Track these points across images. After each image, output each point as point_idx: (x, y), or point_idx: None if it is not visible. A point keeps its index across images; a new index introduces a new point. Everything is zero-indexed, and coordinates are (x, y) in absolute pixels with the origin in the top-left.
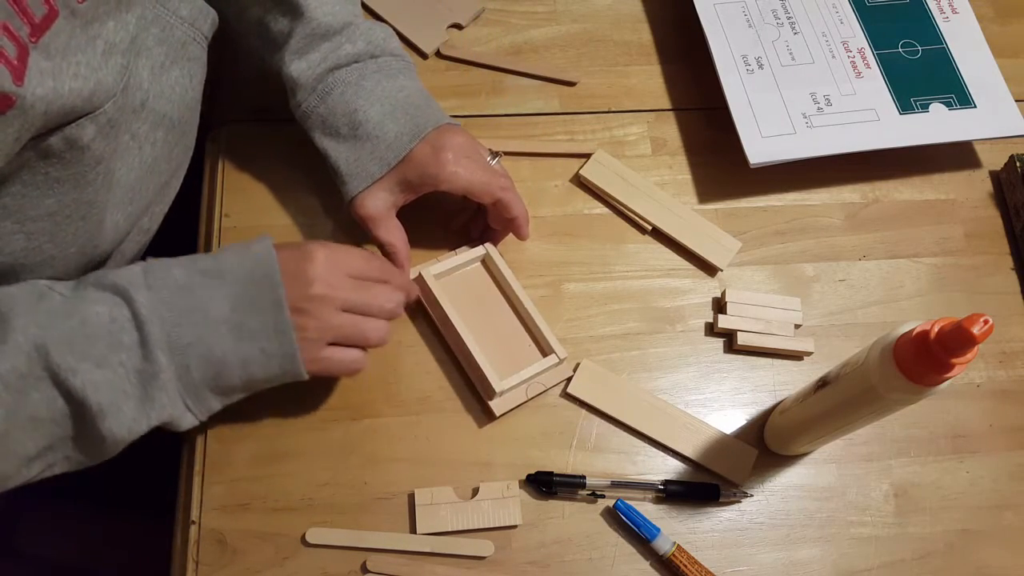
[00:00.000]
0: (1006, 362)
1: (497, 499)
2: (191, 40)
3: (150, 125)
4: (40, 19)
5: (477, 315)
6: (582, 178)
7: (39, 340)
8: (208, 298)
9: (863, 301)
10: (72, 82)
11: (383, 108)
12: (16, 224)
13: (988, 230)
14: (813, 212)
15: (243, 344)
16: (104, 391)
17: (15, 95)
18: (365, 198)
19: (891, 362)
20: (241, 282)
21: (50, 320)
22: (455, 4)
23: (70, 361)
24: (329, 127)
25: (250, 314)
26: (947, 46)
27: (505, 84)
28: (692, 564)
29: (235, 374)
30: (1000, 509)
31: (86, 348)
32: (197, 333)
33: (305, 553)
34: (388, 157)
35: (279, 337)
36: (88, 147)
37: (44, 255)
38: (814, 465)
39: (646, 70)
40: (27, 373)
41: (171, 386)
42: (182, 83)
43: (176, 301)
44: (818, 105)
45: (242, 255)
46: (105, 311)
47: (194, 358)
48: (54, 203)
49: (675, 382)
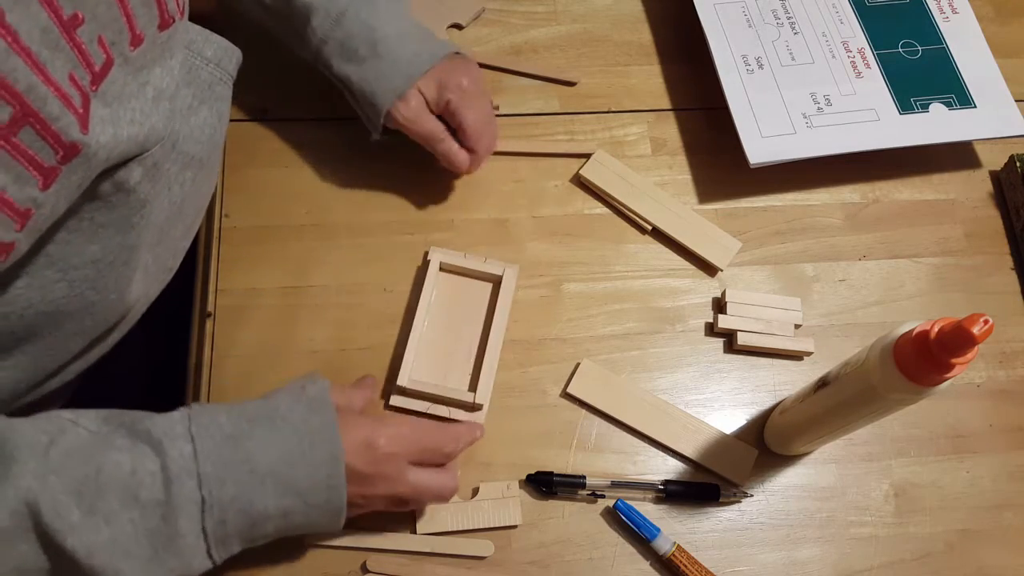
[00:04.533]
0: (1006, 362)
1: (497, 499)
2: (218, 80)
3: (180, 166)
4: (100, 67)
5: (448, 320)
6: (582, 178)
7: (31, 496)
8: (255, 449)
9: (863, 301)
10: (129, 128)
11: (399, 26)
12: (59, 272)
13: (988, 230)
14: (813, 212)
15: (287, 498)
16: (100, 555)
17: (81, 143)
18: (399, 106)
19: (891, 362)
20: (294, 431)
21: (62, 464)
22: (455, 4)
23: (69, 518)
24: (348, 51)
25: (300, 468)
26: (947, 46)
27: (505, 84)
28: (692, 564)
29: (272, 525)
30: (1000, 509)
31: (94, 501)
32: (240, 488)
33: (305, 553)
34: (411, 71)
35: (329, 492)
36: (134, 190)
37: (85, 302)
38: (814, 465)
39: (646, 70)
40: (11, 528)
41: (189, 549)
42: (210, 123)
43: (222, 453)
44: (818, 105)
45: (295, 397)
46: (127, 461)
47: (232, 512)
48: (98, 249)
49: (675, 382)
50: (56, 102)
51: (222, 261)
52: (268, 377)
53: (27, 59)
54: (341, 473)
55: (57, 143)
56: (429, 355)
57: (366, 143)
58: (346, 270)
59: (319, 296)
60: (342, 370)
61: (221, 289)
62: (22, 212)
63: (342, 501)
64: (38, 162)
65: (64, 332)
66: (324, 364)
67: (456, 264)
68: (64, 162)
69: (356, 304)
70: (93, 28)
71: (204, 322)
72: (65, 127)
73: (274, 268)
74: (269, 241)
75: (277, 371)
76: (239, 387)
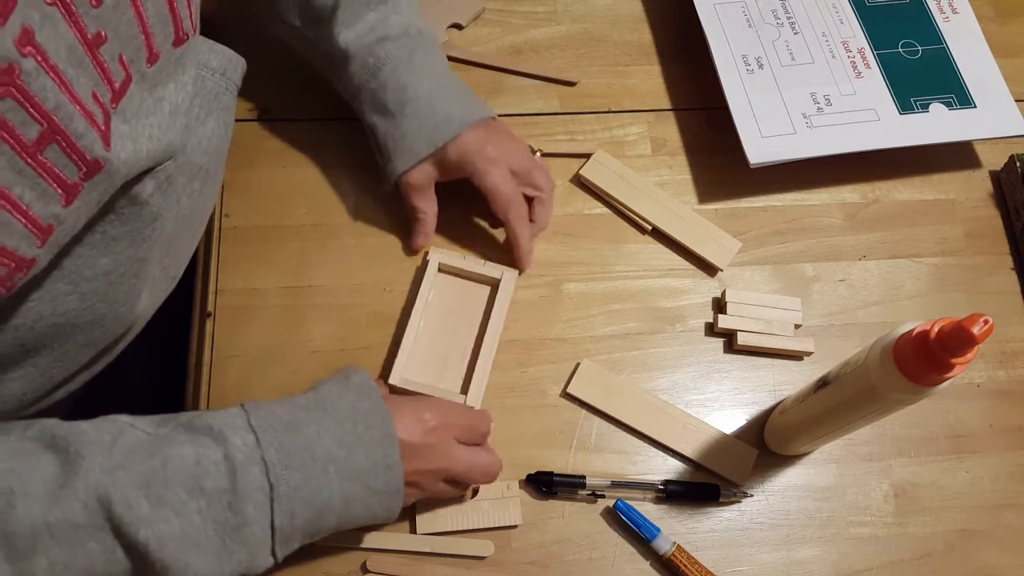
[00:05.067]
0: (1006, 362)
1: (497, 499)
2: (224, 91)
3: (187, 177)
4: (120, 85)
5: (445, 321)
6: (582, 178)
7: (102, 489)
8: (313, 436)
9: (863, 301)
10: (148, 144)
11: (432, 86)
12: (71, 285)
13: (988, 230)
14: (813, 212)
15: (348, 482)
16: (171, 547)
17: (104, 160)
18: (410, 173)
19: (891, 362)
20: (347, 416)
21: (128, 459)
22: (455, 4)
23: (139, 510)
24: (379, 103)
25: (357, 451)
26: (947, 46)
27: (505, 84)
28: (692, 564)
29: (334, 516)
30: (1000, 509)
31: (162, 493)
32: (304, 474)
33: (305, 553)
34: (436, 137)
35: (387, 473)
36: (147, 203)
37: (95, 314)
38: (814, 465)
39: (646, 70)
40: (83, 524)
41: (255, 539)
42: (217, 133)
43: (284, 440)
44: (818, 105)
45: (342, 385)
46: (191, 452)
47: (299, 503)
48: (109, 262)
49: (675, 382)
50: (82, 120)
51: (222, 261)
52: (268, 377)
53: (55, 78)
54: (396, 451)
55: (81, 160)
56: (424, 355)
57: (367, 143)
58: (346, 270)
59: (319, 296)
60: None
61: (221, 289)
62: (45, 228)
63: (400, 481)
64: (62, 179)
65: (73, 344)
66: (324, 364)
67: (455, 265)
68: (87, 178)
69: (356, 304)
70: (115, 46)
71: (204, 322)
72: (89, 144)
73: (274, 268)
74: (269, 241)
75: (277, 371)
76: (239, 387)
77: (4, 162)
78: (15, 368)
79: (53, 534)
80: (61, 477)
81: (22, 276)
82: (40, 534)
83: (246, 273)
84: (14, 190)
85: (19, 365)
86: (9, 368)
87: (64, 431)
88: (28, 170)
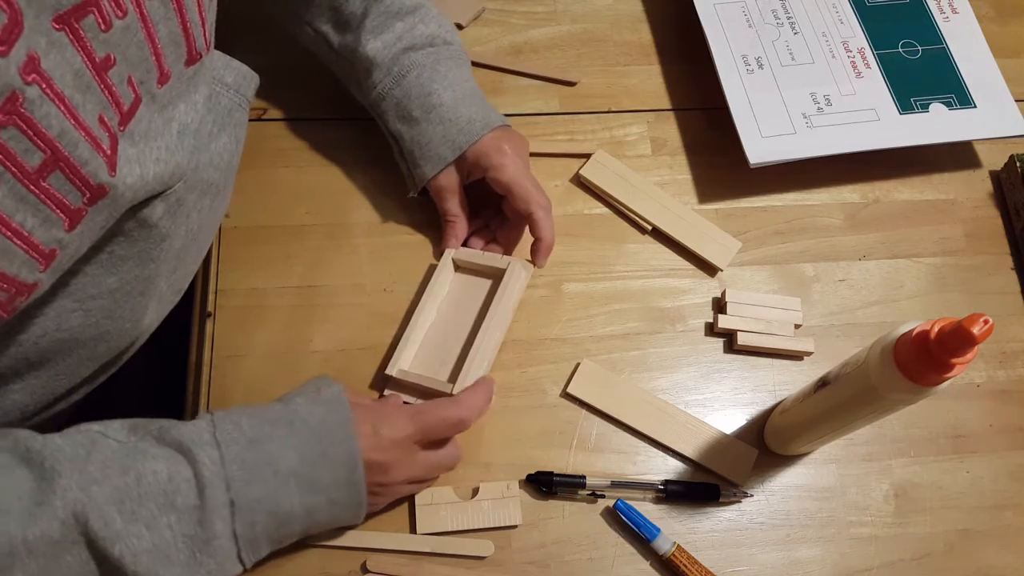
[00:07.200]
0: (1006, 362)
1: (497, 499)
2: (237, 106)
3: (198, 194)
4: (128, 107)
5: (451, 317)
6: (582, 178)
7: (79, 507)
8: (277, 451)
9: (863, 301)
10: (155, 167)
11: (455, 93)
12: (76, 303)
13: (988, 230)
14: (813, 212)
15: (309, 496)
16: (144, 560)
17: (109, 185)
18: (438, 177)
19: (891, 362)
20: (313, 432)
21: (103, 473)
22: (455, 4)
23: (114, 525)
24: (403, 110)
25: (321, 468)
26: (947, 46)
27: (505, 84)
28: (692, 564)
29: (298, 524)
30: (1000, 509)
31: (136, 508)
32: (266, 489)
33: (305, 553)
34: (460, 141)
35: (350, 488)
36: (156, 225)
37: (100, 330)
38: (814, 465)
39: (646, 70)
40: (60, 539)
41: (223, 551)
42: (229, 149)
43: (246, 456)
44: (818, 105)
45: (312, 399)
46: (164, 469)
47: (261, 514)
48: (115, 281)
49: (675, 382)
50: (87, 146)
51: (222, 261)
52: (268, 377)
53: (60, 104)
54: (360, 470)
55: (85, 186)
56: (427, 349)
57: (367, 143)
58: (346, 270)
59: (319, 296)
60: (342, 370)
61: (221, 289)
62: (47, 253)
63: (362, 495)
64: (65, 204)
65: (76, 358)
66: (324, 364)
67: (471, 261)
68: (91, 203)
69: (357, 304)
70: (124, 69)
71: (204, 322)
72: (94, 170)
73: (274, 268)
74: (270, 241)
75: (277, 371)
76: (240, 387)
77: (6, 190)
78: (18, 381)
79: (31, 550)
80: (38, 494)
81: (24, 300)
82: (18, 550)
83: (246, 273)
84: (15, 217)
85: (22, 378)
86: (12, 381)
87: (39, 445)
88: (30, 197)
